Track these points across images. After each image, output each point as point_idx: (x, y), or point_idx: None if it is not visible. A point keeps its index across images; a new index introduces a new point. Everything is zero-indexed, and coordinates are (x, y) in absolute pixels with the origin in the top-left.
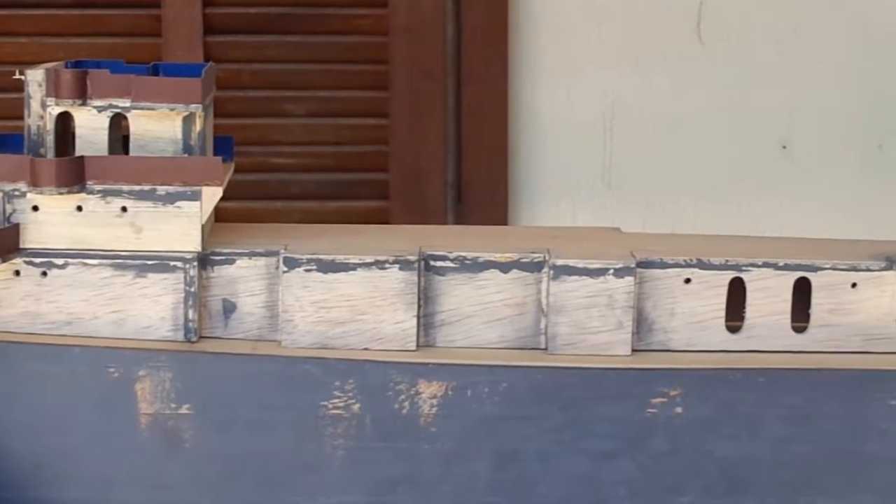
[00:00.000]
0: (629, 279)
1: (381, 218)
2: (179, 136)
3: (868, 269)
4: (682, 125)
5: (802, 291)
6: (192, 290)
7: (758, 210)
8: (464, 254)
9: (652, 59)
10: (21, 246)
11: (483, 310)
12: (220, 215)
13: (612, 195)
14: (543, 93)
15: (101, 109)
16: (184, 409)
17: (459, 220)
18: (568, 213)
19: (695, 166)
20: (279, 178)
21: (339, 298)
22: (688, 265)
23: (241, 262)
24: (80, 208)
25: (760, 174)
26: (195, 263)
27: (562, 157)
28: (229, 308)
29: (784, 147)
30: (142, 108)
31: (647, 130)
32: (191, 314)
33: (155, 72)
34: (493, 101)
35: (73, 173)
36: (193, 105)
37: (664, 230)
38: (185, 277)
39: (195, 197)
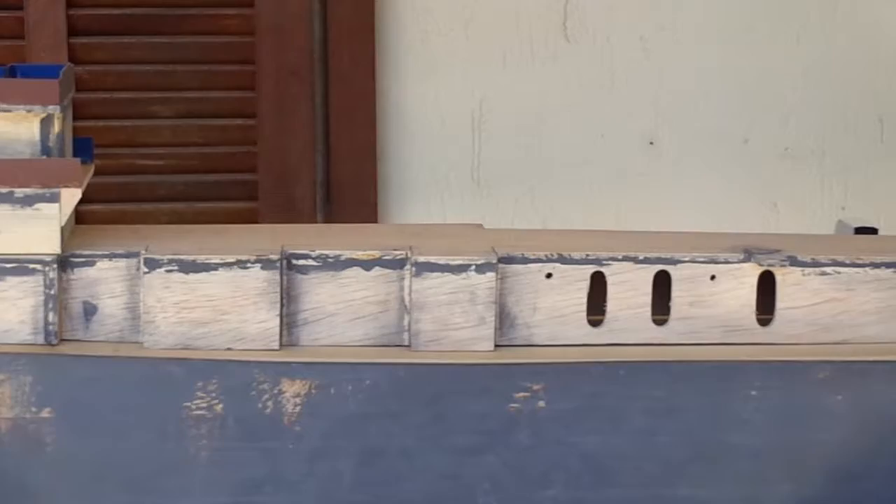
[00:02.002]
0: (491, 275)
1: (250, 219)
2: (37, 137)
3: (727, 262)
4: (550, 122)
5: (663, 284)
6: (52, 292)
7: (626, 206)
8: (326, 252)
9: (519, 58)
10: None
11: (346, 308)
12: (86, 218)
13: (481, 193)
14: (412, 92)
15: None
16: (45, 413)
17: (329, 220)
18: (438, 211)
19: (563, 163)
20: (147, 179)
21: (201, 299)
22: (549, 260)
23: (102, 264)
24: None
25: (628, 170)
26: (55, 266)
27: (431, 156)
28: (90, 310)
29: (651, 143)
30: None
31: (516, 128)
32: (51, 317)
33: (12, 73)
34: (360, 101)
35: None
36: (51, 106)
37: (534, 227)
38: (44, 280)
39: (54, 199)
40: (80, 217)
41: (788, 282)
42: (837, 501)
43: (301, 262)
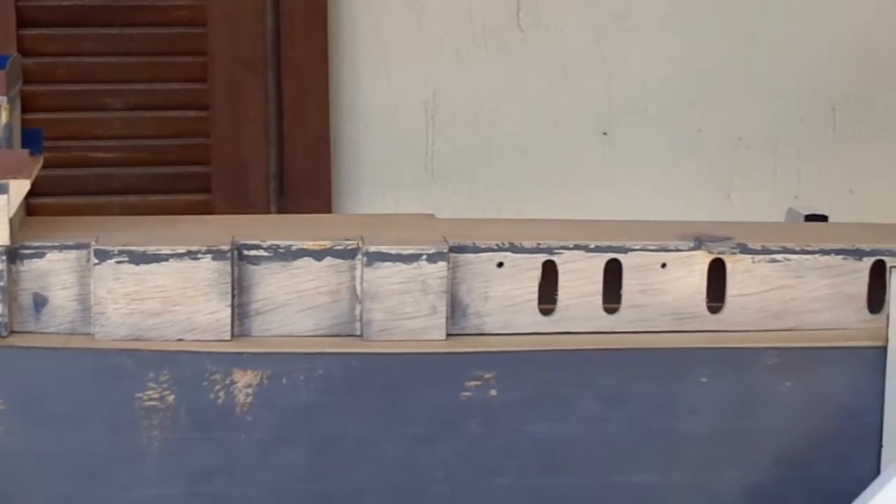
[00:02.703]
0: (442, 264)
1: (204, 211)
2: None
3: (677, 250)
4: (504, 113)
5: (614, 273)
6: (2, 284)
7: (580, 196)
8: (277, 242)
9: (472, 49)
10: None
11: (297, 298)
12: (38, 211)
13: (435, 184)
14: (365, 83)
15: None
16: None
17: (283, 212)
18: (391, 202)
19: (517, 154)
20: (99, 172)
21: (151, 290)
22: (500, 249)
23: (52, 256)
24: None
25: (582, 161)
26: (4, 257)
27: (384, 148)
28: (40, 302)
29: (605, 133)
30: None
31: (470, 119)
32: (1, 309)
33: None
34: (313, 92)
35: None
36: None
37: (488, 217)
38: None
39: (2, 190)
40: (31, 210)
41: (738, 269)
42: (786, 487)
43: (252, 252)
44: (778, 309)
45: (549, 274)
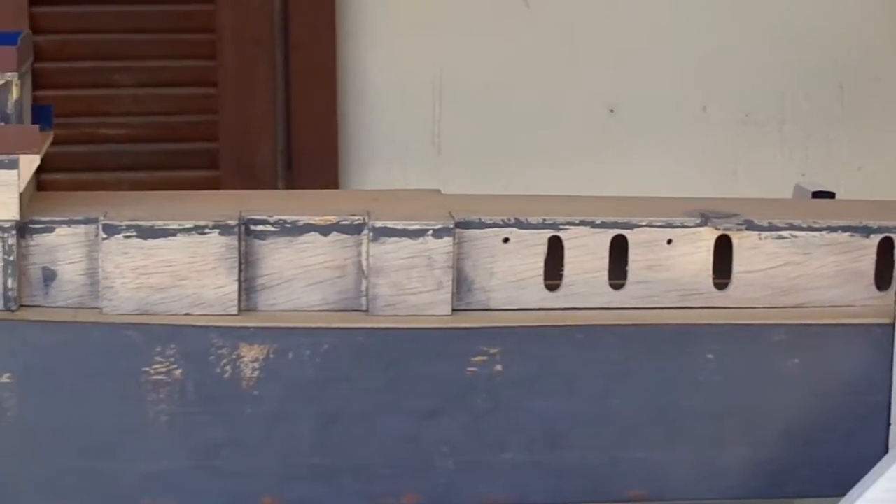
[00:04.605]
0: (448, 239)
1: (212, 187)
2: None
3: (683, 226)
4: (511, 90)
5: (620, 249)
6: (11, 258)
7: (587, 173)
8: (283, 217)
9: (479, 24)
10: None
11: (304, 273)
12: (48, 187)
13: (442, 160)
14: (372, 59)
15: None
16: (4, 378)
17: (290, 188)
18: (399, 178)
19: (524, 130)
20: (109, 149)
21: (159, 264)
22: (506, 224)
23: (61, 230)
24: None
25: (589, 137)
26: (14, 232)
27: (392, 123)
28: (49, 276)
29: (611, 110)
30: None
31: (477, 95)
32: (10, 283)
33: None
34: (321, 69)
35: None
36: (9, 73)
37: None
38: (3, 246)
39: (12, 165)
40: (41, 186)
41: (745, 246)
42: (793, 465)
43: (259, 227)
44: (785, 286)
45: (555, 249)
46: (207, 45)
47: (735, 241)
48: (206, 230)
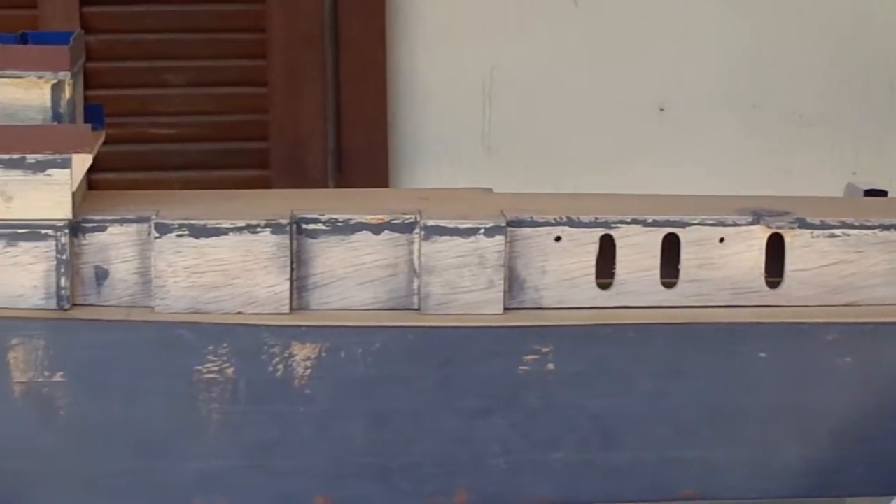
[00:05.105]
0: (500, 238)
1: (263, 186)
2: (48, 104)
3: (735, 224)
4: (561, 90)
5: (672, 247)
6: (64, 257)
7: (637, 172)
8: (335, 216)
9: (529, 25)
10: None
11: (356, 271)
12: (99, 186)
13: (491, 160)
14: (422, 59)
15: None
16: (58, 377)
17: (340, 187)
18: (448, 178)
19: (574, 130)
20: (159, 148)
21: (211, 263)
22: (558, 223)
23: (113, 229)
24: None
25: (639, 136)
26: (66, 231)
27: (441, 123)
28: (102, 275)
29: (661, 109)
30: (9, 77)
31: (526, 95)
32: (63, 282)
33: (23, 40)
34: (371, 68)
35: None
36: (62, 72)
37: None
38: (56, 245)
39: (65, 164)
40: (93, 185)
41: (797, 244)
42: (846, 463)
43: (311, 226)
44: (837, 284)
45: (607, 248)
46: (258, 44)
47: (787, 240)
48: (258, 229)
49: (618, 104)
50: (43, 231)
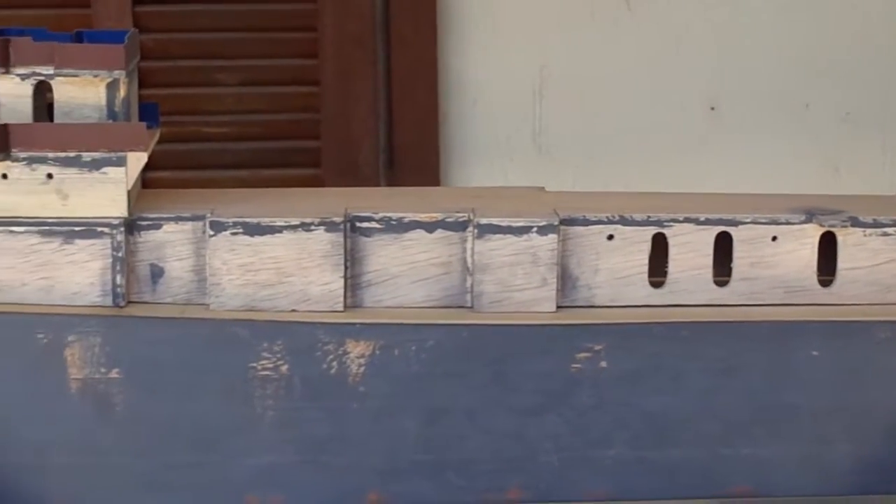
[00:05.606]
0: (553, 236)
1: (315, 184)
2: (104, 102)
3: (788, 223)
4: (611, 89)
5: (724, 246)
6: (120, 255)
7: (688, 171)
8: (389, 214)
9: (581, 24)
10: None
11: (409, 269)
12: (153, 184)
13: (542, 158)
14: (473, 58)
15: (24, 77)
16: (113, 374)
17: (392, 185)
18: (499, 176)
19: (624, 129)
20: (212, 147)
21: (266, 261)
22: (610, 222)
23: (168, 227)
24: (5, 176)
25: (690, 136)
26: (122, 229)
27: (493, 122)
28: (157, 272)
29: (712, 108)
30: (65, 75)
31: (577, 94)
32: (119, 279)
33: (79, 39)
34: (422, 67)
35: None
36: (117, 71)
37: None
38: (112, 243)
39: (121, 162)
40: (147, 183)
41: (850, 242)
42: None
43: (365, 224)
44: (890, 282)
45: (660, 246)
46: (310, 43)
47: (840, 238)
48: (313, 227)
49: (668, 103)
50: (99, 229)
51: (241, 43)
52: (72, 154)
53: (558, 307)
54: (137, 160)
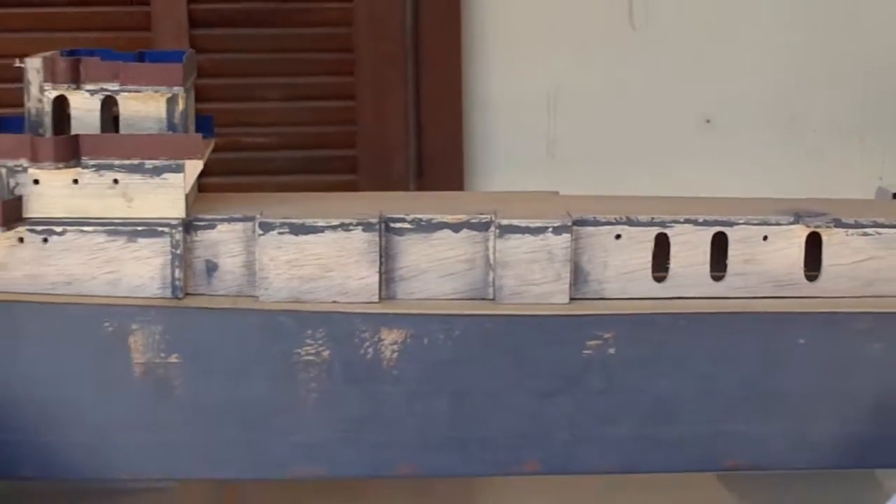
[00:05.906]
0: (566, 236)
1: (350, 190)
2: (164, 115)
3: (778, 224)
4: (617, 103)
5: (720, 244)
6: (179, 252)
7: (685, 178)
8: (419, 216)
9: (590, 44)
10: (24, 216)
11: (438, 265)
12: (207, 188)
13: (556, 167)
14: (494, 76)
15: (93, 93)
16: (173, 359)
17: (420, 191)
18: (517, 182)
19: (629, 139)
20: (258, 156)
21: (309, 257)
22: (618, 223)
23: (222, 227)
24: (76, 181)
25: (687, 146)
26: (180, 228)
27: (511, 134)
28: (212, 268)
29: (708, 121)
30: (129, 91)
31: (587, 109)
32: (177, 274)
33: (141, 59)
34: (448, 84)
35: (70, 150)
36: (176, 87)
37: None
38: (171, 241)
39: (179, 169)
40: (201, 187)
41: (833, 241)
42: (876, 438)
43: (397, 224)
44: (869, 277)
45: (662, 245)
46: (347, 63)
47: (825, 238)
48: (351, 227)
49: (669, 116)
50: (159, 228)
51: (286, 62)
52: (135, 162)
53: (571, 299)
54: (194, 167)
